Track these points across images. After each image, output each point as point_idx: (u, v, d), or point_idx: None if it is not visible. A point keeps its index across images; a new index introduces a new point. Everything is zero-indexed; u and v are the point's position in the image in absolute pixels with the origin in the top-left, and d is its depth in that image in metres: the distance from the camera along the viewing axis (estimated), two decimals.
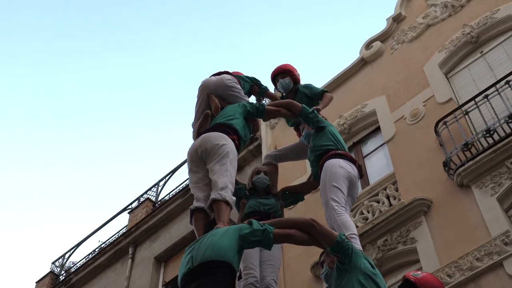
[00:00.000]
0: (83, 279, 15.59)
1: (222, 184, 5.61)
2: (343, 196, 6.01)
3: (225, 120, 6.27)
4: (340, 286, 4.78)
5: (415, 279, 4.97)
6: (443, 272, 8.25)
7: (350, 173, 6.16)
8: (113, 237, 16.23)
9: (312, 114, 6.62)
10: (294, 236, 5.01)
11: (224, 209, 5.44)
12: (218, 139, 5.98)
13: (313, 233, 4.92)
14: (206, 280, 4.43)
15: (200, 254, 4.66)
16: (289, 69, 7.49)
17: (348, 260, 4.81)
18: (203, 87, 6.88)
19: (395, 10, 13.05)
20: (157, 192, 16.54)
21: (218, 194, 5.51)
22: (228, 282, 4.53)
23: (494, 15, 10.94)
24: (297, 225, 5.03)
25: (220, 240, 4.73)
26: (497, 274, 7.81)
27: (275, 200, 6.60)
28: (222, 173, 5.73)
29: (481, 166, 8.85)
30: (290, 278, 10.27)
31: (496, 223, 8.25)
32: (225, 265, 4.58)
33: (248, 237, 4.78)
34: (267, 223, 4.97)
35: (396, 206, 9.56)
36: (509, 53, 10.46)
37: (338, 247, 4.83)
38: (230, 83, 6.85)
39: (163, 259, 14.09)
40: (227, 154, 5.87)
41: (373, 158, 11.39)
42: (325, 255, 5.31)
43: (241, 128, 6.32)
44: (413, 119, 10.72)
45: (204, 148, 5.95)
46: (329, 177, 6.05)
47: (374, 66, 12.62)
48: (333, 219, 5.76)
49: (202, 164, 5.99)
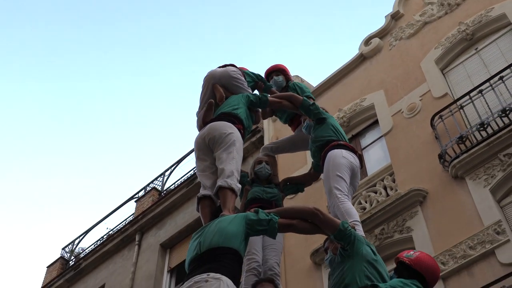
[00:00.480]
0: (92, 264, 15.67)
1: (229, 172, 5.61)
2: (346, 185, 6.01)
3: (230, 109, 6.26)
4: (342, 272, 4.80)
5: (409, 260, 4.85)
6: (438, 260, 8.29)
7: (352, 163, 6.18)
8: (121, 225, 16.29)
9: (313, 106, 6.63)
10: (298, 226, 5.05)
11: (230, 196, 5.44)
12: (225, 128, 5.98)
13: (316, 221, 4.95)
14: (214, 265, 4.43)
15: (208, 240, 4.67)
16: (283, 69, 7.56)
17: (350, 246, 4.84)
18: (208, 78, 6.89)
19: (393, 8, 13.03)
20: (163, 182, 16.59)
21: (224, 182, 5.50)
22: (235, 268, 4.54)
23: (489, 14, 10.94)
24: (301, 213, 5.06)
25: (227, 227, 4.74)
26: (489, 262, 7.87)
27: (277, 190, 6.61)
28: (229, 161, 5.72)
29: (475, 158, 8.89)
30: (290, 265, 10.32)
31: (488, 213, 8.30)
32: (232, 252, 4.59)
33: (255, 225, 4.80)
34: (272, 212, 5.00)
35: (393, 196, 9.60)
36: (503, 50, 10.47)
37: (341, 234, 4.86)
38: (235, 75, 6.86)
39: (168, 246, 14.16)
40: (233, 143, 5.87)
41: (371, 150, 11.41)
42: (329, 242, 5.32)
43: (245, 118, 6.32)
44: (410, 113, 10.75)
45: (211, 136, 5.95)
46: (333, 167, 6.06)
47: (373, 62, 12.63)
48: (337, 207, 5.78)
49: (209, 152, 5.98)
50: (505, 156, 8.66)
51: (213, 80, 6.81)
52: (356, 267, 4.72)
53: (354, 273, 4.69)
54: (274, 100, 6.75)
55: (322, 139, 6.45)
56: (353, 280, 4.66)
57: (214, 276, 4.31)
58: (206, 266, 4.43)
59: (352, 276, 4.68)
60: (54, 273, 17.08)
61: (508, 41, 10.54)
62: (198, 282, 4.28)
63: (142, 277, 13.81)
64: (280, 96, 6.89)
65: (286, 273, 10.28)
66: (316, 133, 6.57)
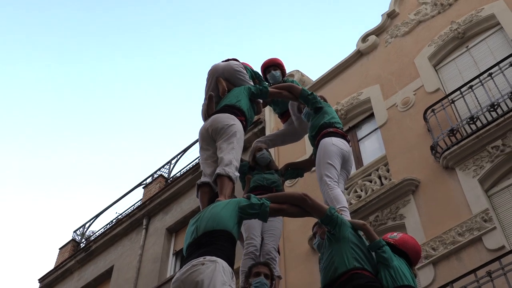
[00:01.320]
0: (102, 247, 15.74)
1: (227, 161, 5.65)
2: (336, 172, 6.03)
3: (233, 102, 6.29)
4: (331, 255, 4.83)
5: (394, 241, 4.99)
6: (428, 246, 8.36)
7: (342, 149, 6.18)
8: (129, 210, 16.34)
9: (311, 95, 6.64)
10: (288, 210, 5.12)
11: (227, 184, 5.47)
12: (227, 119, 6.02)
13: (305, 206, 5.00)
14: (209, 249, 4.49)
15: (203, 225, 4.72)
16: (281, 64, 7.53)
17: (337, 230, 4.87)
18: (212, 71, 6.91)
19: (390, 7, 13.03)
20: (170, 169, 16.63)
21: (222, 170, 5.55)
22: (229, 249, 4.60)
23: (479, 14, 10.96)
24: (291, 199, 5.12)
25: (221, 211, 4.79)
26: (477, 248, 7.94)
27: (277, 175, 6.60)
28: (229, 150, 5.76)
29: (465, 150, 8.94)
30: (289, 250, 10.37)
31: (477, 202, 8.36)
32: (226, 234, 4.64)
33: (247, 209, 4.86)
34: (264, 197, 5.05)
35: (387, 185, 9.65)
36: (492, 48, 10.49)
37: (328, 219, 4.91)
38: (237, 68, 6.87)
39: (174, 230, 14.22)
40: (234, 134, 5.91)
41: (367, 141, 11.45)
42: (317, 227, 5.36)
43: (247, 110, 6.35)
44: (404, 107, 10.78)
45: (214, 127, 5.99)
46: (323, 155, 6.08)
47: (369, 58, 12.64)
48: (326, 193, 5.81)
49: (212, 143, 6.02)
50: (493, 148, 8.71)
51: (216, 73, 6.83)
52: (344, 250, 4.75)
53: (342, 255, 4.73)
54: (274, 91, 6.77)
55: (316, 127, 6.47)
56: (342, 262, 4.70)
57: (210, 259, 4.36)
58: (202, 250, 4.49)
59: (341, 258, 4.72)
60: (66, 254, 17.16)
61: (497, 39, 10.55)
62: (196, 265, 4.32)
63: (148, 259, 13.88)
64: (280, 86, 6.90)
65: (285, 257, 10.34)
66: (312, 122, 6.59)
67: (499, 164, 8.58)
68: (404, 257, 4.93)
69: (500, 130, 8.74)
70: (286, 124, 7.45)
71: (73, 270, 16.23)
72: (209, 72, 6.94)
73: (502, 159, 8.57)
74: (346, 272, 4.63)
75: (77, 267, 16.13)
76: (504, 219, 8.13)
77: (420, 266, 8.29)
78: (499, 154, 8.61)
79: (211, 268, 4.28)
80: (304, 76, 13.87)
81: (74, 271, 16.20)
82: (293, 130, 7.29)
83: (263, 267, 5.29)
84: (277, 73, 7.38)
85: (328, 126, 6.36)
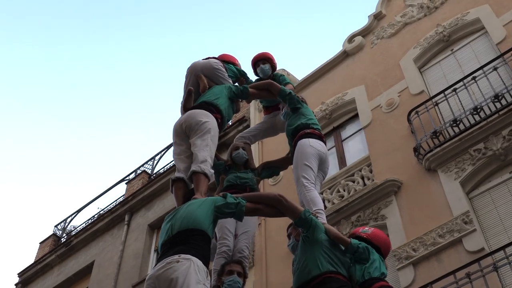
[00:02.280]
0: (83, 242, 15.66)
1: (202, 158, 5.61)
2: (313, 174, 6.03)
3: (212, 99, 6.27)
4: (305, 257, 4.83)
5: (367, 235, 5.07)
6: (409, 247, 8.42)
7: (319, 151, 6.16)
8: (111, 205, 16.27)
9: (290, 95, 6.64)
10: (264, 210, 5.10)
11: (203, 181, 5.44)
12: (201, 116, 5.98)
13: (280, 207, 4.99)
14: (184, 247, 4.45)
15: (179, 223, 4.68)
16: (270, 57, 7.51)
17: (311, 233, 4.88)
18: (191, 69, 6.90)
19: (376, 8, 13.09)
20: (153, 165, 16.57)
21: (198, 167, 5.51)
22: (204, 248, 4.57)
23: (464, 17, 11.04)
24: (267, 199, 5.11)
25: (197, 210, 4.76)
26: (456, 250, 8.01)
27: (252, 174, 6.58)
28: (203, 147, 5.73)
29: (447, 152, 9.01)
30: (271, 249, 10.40)
31: (458, 204, 8.44)
32: (201, 233, 4.61)
33: (222, 208, 4.83)
34: (240, 196, 5.03)
35: (370, 186, 9.70)
36: (476, 52, 10.58)
37: (301, 222, 4.91)
38: (216, 66, 6.85)
39: (156, 226, 14.16)
40: (208, 131, 5.87)
41: (351, 142, 11.49)
42: (292, 228, 5.36)
43: (225, 108, 6.32)
44: (389, 108, 10.83)
45: (188, 123, 5.96)
46: (300, 156, 6.07)
47: (355, 59, 12.69)
48: (303, 195, 5.80)
49: (185, 138, 5.98)
50: (475, 151, 8.79)
51: (195, 71, 6.83)
52: (317, 253, 4.75)
53: (316, 258, 4.73)
54: (254, 91, 6.76)
55: (293, 127, 6.47)
56: (315, 265, 4.70)
57: (185, 257, 4.33)
58: (177, 248, 4.45)
59: (314, 261, 4.72)
60: (46, 249, 17.05)
61: (482, 43, 10.65)
62: (170, 263, 4.29)
63: (130, 255, 13.84)
64: (259, 85, 6.88)
65: (267, 256, 10.36)
66: (289, 121, 6.59)
67: (480, 167, 8.67)
68: (376, 250, 5.00)
69: (482, 134, 8.82)
70: (268, 117, 7.44)
71: (53, 265, 16.15)
72: (188, 70, 6.94)
73: (484, 162, 8.66)
74: (319, 276, 4.62)
75: (57, 262, 16.05)
76: (484, 221, 8.22)
77: (401, 266, 8.36)
78: (481, 157, 8.69)
79: (186, 266, 4.26)
80: (290, 75, 13.89)
81: (54, 266, 16.11)
82: (276, 124, 7.29)
83: (236, 265, 5.29)
84: (266, 66, 7.37)
85: (305, 127, 6.36)
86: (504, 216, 8.09)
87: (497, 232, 7.99)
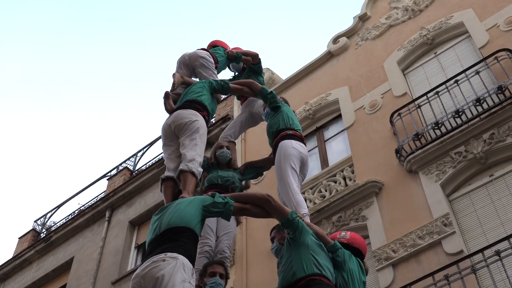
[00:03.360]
0: (62, 237, 15.53)
1: (190, 157, 5.66)
2: (297, 175, 6.07)
3: (195, 97, 6.30)
4: (290, 259, 4.81)
5: (347, 240, 5.10)
6: (389, 248, 8.46)
7: (301, 153, 6.20)
8: (92, 201, 16.17)
9: (270, 94, 6.64)
10: (251, 210, 5.08)
11: (190, 179, 5.49)
12: (190, 115, 6.03)
13: (268, 208, 4.97)
14: (171, 245, 4.46)
15: (167, 221, 4.69)
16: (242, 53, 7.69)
17: (297, 235, 4.87)
18: (179, 60, 7.09)
19: (362, 10, 13.13)
20: (135, 162, 16.49)
21: (185, 166, 5.56)
22: (191, 246, 4.57)
23: (448, 21, 11.12)
24: (255, 199, 5.08)
25: (185, 208, 4.76)
26: (436, 251, 8.07)
27: (234, 174, 6.54)
28: (192, 147, 5.78)
29: (429, 155, 9.08)
30: (252, 248, 10.40)
31: (438, 206, 8.50)
32: (189, 231, 4.61)
33: (210, 207, 4.82)
34: (228, 196, 5.02)
35: (351, 186, 9.73)
36: (459, 56, 10.66)
37: (288, 223, 4.90)
38: (201, 54, 7.02)
39: (137, 223, 14.12)
40: (197, 130, 5.92)
41: (334, 142, 11.53)
42: (276, 231, 5.35)
43: (209, 104, 6.36)
44: (372, 109, 10.88)
45: (177, 124, 6.00)
46: (284, 157, 6.08)
47: (340, 59, 12.72)
48: (288, 197, 5.81)
49: (175, 138, 6.03)
50: (456, 154, 8.86)
51: (182, 60, 7.01)
52: (303, 255, 4.74)
53: (301, 260, 4.72)
54: (236, 87, 6.81)
55: (273, 127, 6.47)
56: (300, 267, 4.68)
57: (171, 256, 4.33)
58: (163, 246, 4.46)
59: (300, 263, 4.71)
60: (25, 244, 16.91)
61: (465, 47, 10.73)
62: (156, 261, 4.29)
63: (110, 251, 13.76)
64: (241, 82, 6.93)
65: (247, 255, 10.35)
66: (269, 121, 6.60)
67: (461, 170, 8.75)
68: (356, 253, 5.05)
69: (463, 137, 8.90)
70: (244, 105, 7.49)
71: (32, 260, 16.00)
72: (178, 61, 7.12)
73: (464, 165, 8.73)
74: (304, 278, 4.62)
75: (36, 257, 15.91)
76: (464, 224, 8.29)
77: (380, 267, 8.41)
78: (462, 160, 8.76)
79: (172, 265, 4.26)
80: (274, 75, 13.92)
81: (33, 261, 15.97)
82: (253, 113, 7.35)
83: (219, 267, 5.30)
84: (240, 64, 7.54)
85: (287, 128, 6.38)
86: (483, 219, 8.18)
87: (476, 234, 8.07)
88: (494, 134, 8.66)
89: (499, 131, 8.65)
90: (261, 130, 8.23)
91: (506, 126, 8.64)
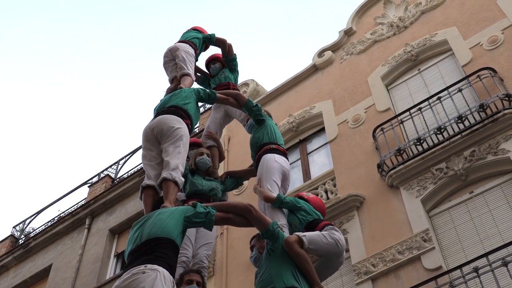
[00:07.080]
0: (41, 244, 15.37)
1: (174, 165, 5.57)
2: (278, 189, 6.08)
3: (181, 103, 6.22)
4: (269, 269, 4.84)
5: (308, 197, 5.89)
6: (368, 262, 8.48)
7: (283, 167, 6.23)
8: (72, 208, 16.04)
9: (256, 107, 6.66)
10: (233, 220, 5.09)
11: (172, 189, 5.40)
12: (173, 122, 5.93)
13: (249, 217, 5.00)
14: (151, 257, 4.40)
15: (148, 231, 4.62)
16: (217, 56, 7.78)
17: (277, 245, 4.90)
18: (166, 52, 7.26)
19: (347, 25, 13.23)
20: (117, 170, 16.39)
21: (169, 174, 5.46)
22: (171, 258, 4.52)
23: (433, 38, 11.23)
24: (236, 209, 5.09)
25: (167, 219, 4.70)
26: (415, 267, 8.10)
27: (217, 184, 6.52)
28: (175, 155, 5.68)
29: (410, 170, 9.14)
30: (232, 258, 10.36)
31: (418, 221, 8.54)
32: (170, 242, 4.56)
33: (192, 218, 4.79)
34: (210, 205, 5.01)
35: (333, 200, 9.75)
36: (442, 73, 10.76)
37: (268, 233, 4.94)
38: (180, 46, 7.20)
39: (117, 232, 14.02)
40: (181, 138, 5.82)
41: (316, 155, 11.56)
42: (256, 240, 5.39)
43: (194, 113, 6.31)
44: (355, 124, 10.93)
45: (160, 129, 5.88)
46: (266, 171, 6.10)
47: (324, 73, 12.78)
48: (270, 209, 5.80)
49: (156, 143, 5.91)
50: (437, 170, 8.93)
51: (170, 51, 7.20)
52: (282, 266, 4.78)
53: (281, 271, 4.75)
54: (222, 97, 6.80)
55: (257, 141, 6.51)
56: (279, 278, 4.72)
57: (151, 268, 4.26)
58: (143, 258, 4.39)
59: (279, 274, 4.74)
60: (3, 250, 16.70)
61: (448, 65, 10.83)
62: (136, 274, 4.21)
63: (89, 259, 13.64)
64: (227, 93, 6.93)
65: (227, 265, 10.31)
66: (253, 134, 6.62)
67: (441, 186, 8.81)
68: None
69: (445, 153, 8.97)
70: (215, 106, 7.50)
71: (9, 266, 15.81)
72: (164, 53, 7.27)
73: (445, 182, 8.80)
74: None
75: (14, 263, 15.73)
76: (443, 240, 8.34)
77: (359, 281, 8.42)
78: (443, 177, 8.83)
79: (152, 277, 4.18)
80: (259, 86, 13.95)
81: (10, 267, 15.78)
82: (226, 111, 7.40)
83: (196, 275, 5.25)
84: (216, 66, 7.63)
85: (270, 142, 6.40)
86: (462, 235, 8.23)
87: (455, 251, 8.12)
88: (475, 151, 8.75)
89: (480, 149, 8.74)
90: (244, 140, 8.24)
91: (487, 144, 8.73)
